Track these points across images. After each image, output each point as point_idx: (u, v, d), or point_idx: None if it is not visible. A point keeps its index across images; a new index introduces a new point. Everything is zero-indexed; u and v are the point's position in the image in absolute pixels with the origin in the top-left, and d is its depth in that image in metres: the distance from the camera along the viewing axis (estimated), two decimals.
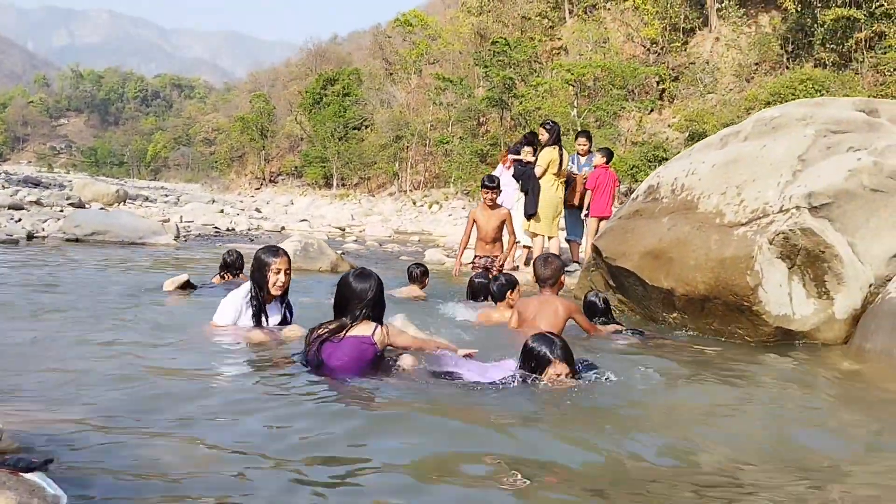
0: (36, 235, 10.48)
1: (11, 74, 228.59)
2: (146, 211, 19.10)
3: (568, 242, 9.09)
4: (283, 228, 18.62)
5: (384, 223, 23.57)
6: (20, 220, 11.94)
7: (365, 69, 51.32)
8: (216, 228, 16.27)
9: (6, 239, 9.68)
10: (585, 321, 4.38)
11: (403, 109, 42.53)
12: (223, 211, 23.57)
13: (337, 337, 3.17)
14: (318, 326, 3.28)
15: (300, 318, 4.10)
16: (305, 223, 20.88)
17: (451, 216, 27.83)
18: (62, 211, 14.69)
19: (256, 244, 12.11)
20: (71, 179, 37.46)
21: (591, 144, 9.04)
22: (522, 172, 8.36)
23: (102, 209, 15.83)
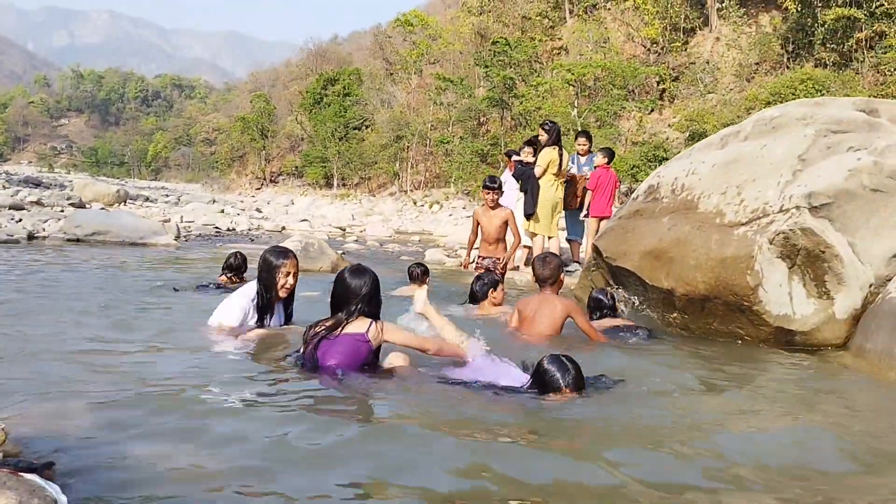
0: (37, 236, 10.48)
1: (12, 75, 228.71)
2: (147, 211, 19.11)
3: (568, 242, 9.09)
4: (283, 228, 18.63)
5: (385, 223, 23.58)
6: (21, 220, 11.95)
7: (365, 69, 51.35)
8: (217, 228, 16.28)
9: (7, 239, 9.69)
10: (584, 322, 4.38)
11: (404, 109, 42.53)
12: (224, 211, 23.59)
13: (333, 334, 3.17)
14: (315, 324, 3.28)
15: (299, 319, 4.10)
16: (306, 223, 20.90)
17: (451, 216, 27.84)
18: (63, 211, 14.70)
19: (257, 244, 12.12)
20: (71, 179, 37.47)
21: (591, 144, 9.04)
22: (522, 172, 8.37)
23: (103, 209, 15.84)
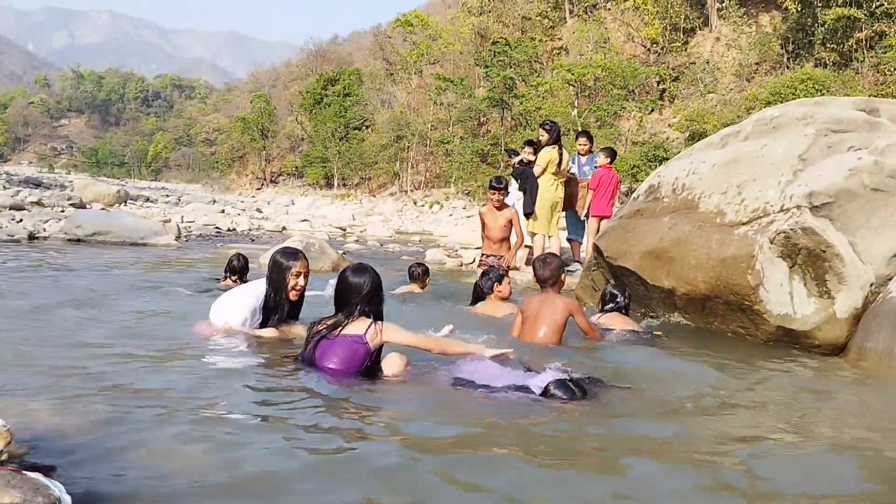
0: (37, 236, 10.49)
1: (12, 75, 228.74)
2: (147, 211, 19.11)
3: (569, 242, 9.09)
4: (284, 228, 18.64)
5: (385, 223, 23.59)
6: (21, 220, 11.96)
7: (365, 69, 51.36)
8: (217, 228, 16.29)
9: (8, 239, 9.70)
10: (585, 321, 4.38)
11: (404, 109, 42.54)
12: (224, 211, 23.59)
13: (332, 334, 3.16)
14: (317, 322, 3.28)
15: (303, 317, 4.09)
16: (306, 223, 20.91)
17: (451, 216, 27.85)
18: (63, 211, 14.70)
19: (258, 244, 12.13)
20: (72, 180, 37.46)
21: (592, 144, 9.05)
22: (521, 172, 8.37)
23: (103, 210, 15.85)
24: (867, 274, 4.49)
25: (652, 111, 29.51)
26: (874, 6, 23.12)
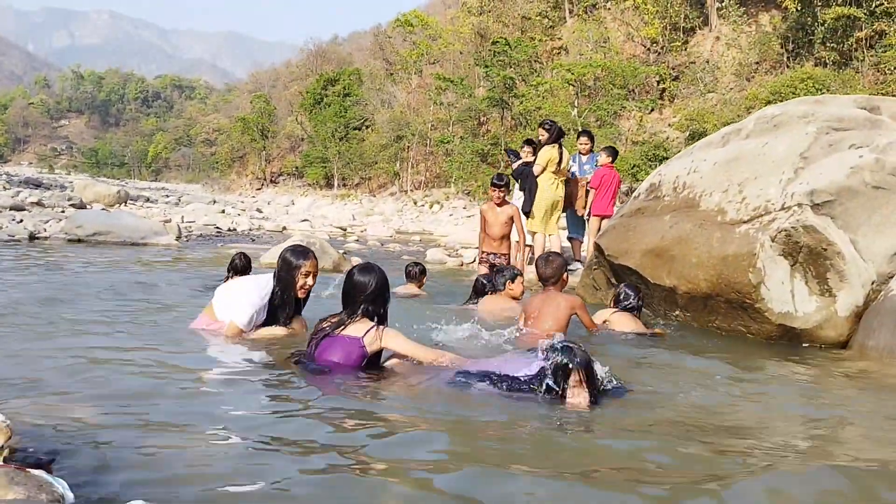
0: (38, 236, 10.49)
1: (12, 76, 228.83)
2: (147, 212, 19.11)
3: (570, 241, 9.09)
4: (284, 228, 18.64)
5: (385, 223, 23.58)
6: (22, 220, 11.96)
7: (365, 69, 51.36)
8: (217, 228, 16.29)
9: (8, 239, 9.70)
10: (587, 318, 4.38)
11: (404, 109, 42.54)
12: (224, 211, 23.59)
13: (334, 333, 3.15)
14: (324, 318, 3.28)
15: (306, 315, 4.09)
16: (307, 223, 20.91)
17: (451, 216, 27.84)
18: (64, 212, 14.70)
19: (259, 244, 12.14)
20: (72, 180, 37.45)
21: (593, 144, 9.05)
22: (521, 171, 8.37)
23: (104, 210, 15.85)
24: (868, 272, 4.49)
25: (652, 111, 29.51)
26: (874, 5, 23.11)
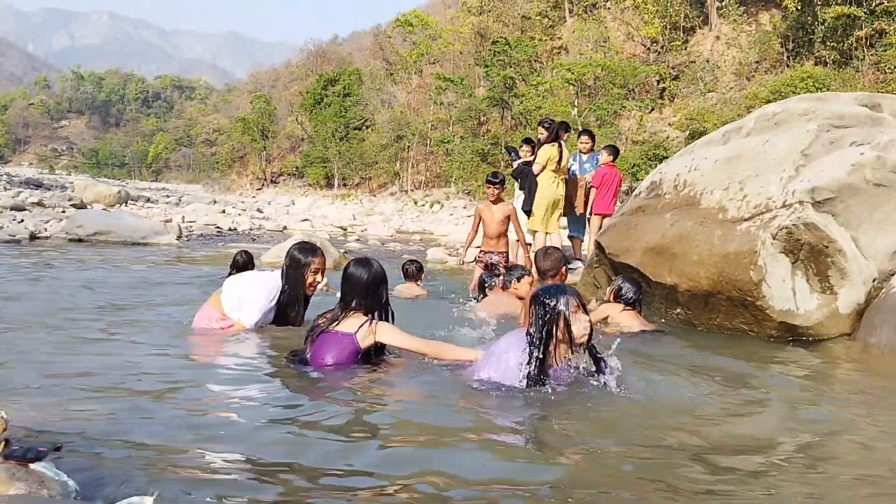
0: (39, 236, 10.50)
1: (12, 76, 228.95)
2: (148, 212, 19.12)
3: (570, 239, 9.08)
4: (285, 228, 18.65)
5: (385, 223, 23.60)
6: (22, 220, 11.96)
7: (365, 69, 51.39)
8: (218, 228, 16.30)
9: (9, 239, 9.70)
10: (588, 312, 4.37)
11: (404, 109, 42.57)
12: (225, 211, 23.60)
13: (329, 328, 3.11)
14: (322, 314, 3.26)
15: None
16: (307, 223, 20.92)
17: (452, 215, 27.85)
18: (64, 212, 14.71)
19: (259, 244, 12.14)
20: (72, 181, 37.45)
21: (593, 143, 9.05)
22: (521, 170, 8.36)
23: (104, 210, 15.85)
24: (870, 269, 4.49)
25: (652, 110, 29.52)
26: (874, 4, 23.12)
